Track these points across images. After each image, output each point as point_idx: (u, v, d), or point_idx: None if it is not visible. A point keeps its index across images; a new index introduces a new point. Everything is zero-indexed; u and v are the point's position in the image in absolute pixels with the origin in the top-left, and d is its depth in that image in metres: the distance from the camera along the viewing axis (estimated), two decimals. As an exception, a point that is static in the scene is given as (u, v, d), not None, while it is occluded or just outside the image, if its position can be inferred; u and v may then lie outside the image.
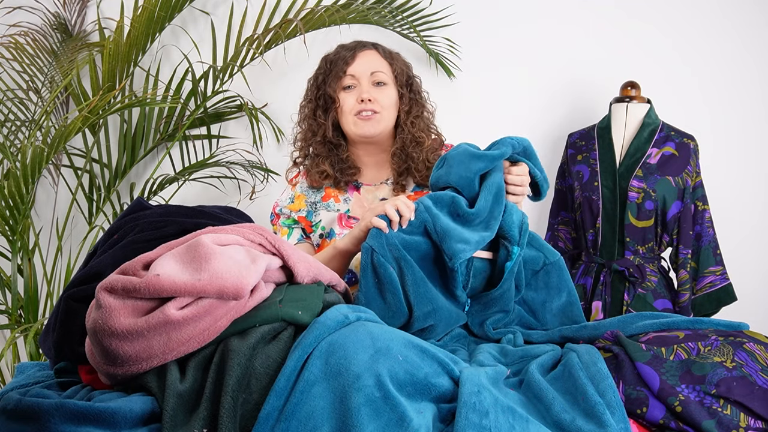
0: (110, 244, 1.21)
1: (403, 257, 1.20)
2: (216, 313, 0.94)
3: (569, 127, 2.18)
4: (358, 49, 1.57)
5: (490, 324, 1.27)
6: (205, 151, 2.41)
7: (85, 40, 2.38)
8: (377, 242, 1.20)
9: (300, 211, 1.60)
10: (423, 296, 1.20)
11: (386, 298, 1.20)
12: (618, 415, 0.88)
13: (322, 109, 1.57)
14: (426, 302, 1.20)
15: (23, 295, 2.15)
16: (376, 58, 1.57)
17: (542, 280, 1.32)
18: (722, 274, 1.91)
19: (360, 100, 1.52)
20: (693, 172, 1.88)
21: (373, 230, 1.22)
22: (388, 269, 1.18)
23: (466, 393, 0.87)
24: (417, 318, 1.20)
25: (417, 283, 1.20)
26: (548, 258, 1.31)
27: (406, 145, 1.56)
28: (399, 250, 1.20)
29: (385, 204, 1.25)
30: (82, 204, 2.38)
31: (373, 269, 1.19)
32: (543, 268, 1.31)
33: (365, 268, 1.20)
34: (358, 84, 1.54)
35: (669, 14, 2.21)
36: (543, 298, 1.32)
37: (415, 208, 1.24)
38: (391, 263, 1.19)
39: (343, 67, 1.54)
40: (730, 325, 1.07)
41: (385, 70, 1.56)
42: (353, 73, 1.54)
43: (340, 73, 1.54)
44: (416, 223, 1.23)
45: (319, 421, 0.83)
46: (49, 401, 0.84)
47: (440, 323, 1.24)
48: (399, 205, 1.23)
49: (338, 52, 1.59)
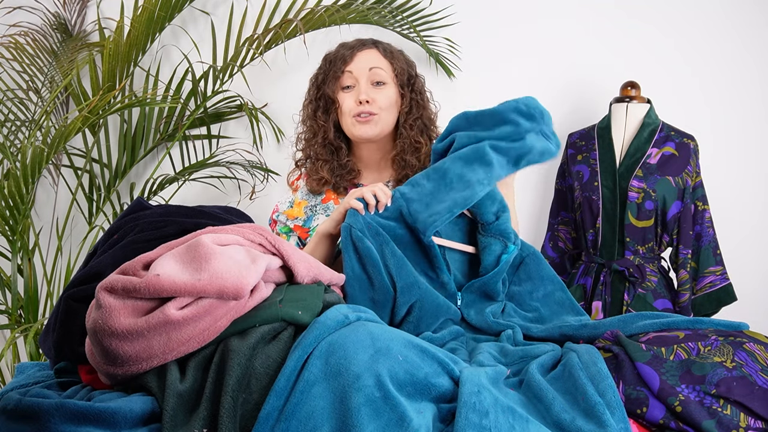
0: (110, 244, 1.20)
1: (380, 234, 1.24)
2: (216, 313, 0.94)
3: (569, 127, 2.18)
4: (358, 47, 1.55)
5: (489, 312, 1.28)
6: (205, 151, 2.41)
7: (85, 40, 2.38)
8: (354, 220, 1.25)
9: (297, 219, 1.59)
10: (402, 268, 1.24)
11: (369, 273, 1.23)
12: (618, 415, 0.88)
13: (323, 110, 1.56)
14: (407, 274, 1.24)
15: (23, 295, 2.15)
16: (375, 56, 1.54)
17: (524, 273, 1.36)
18: (722, 274, 1.91)
19: (358, 102, 1.50)
20: (693, 172, 1.88)
21: (350, 210, 1.27)
22: (366, 243, 1.22)
23: (466, 393, 0.87)
24: (401, 291, 1.23)
25: (396, 255, 1.24)
26: (524, 251, 1.36)
27: (405, 150, 1.55)
28: (376, 229, 1.25)
29: (363, 189, 1.28)
30: (82, 204, 2.38)
31: (353, 245, 1.24)
32: (522, 261, 1.36)
33: (346, 246, 1.24)
34: (356, 83, 1.52)
35: (669, 14, 2.21)
36: (529, 290, 1.36)
37: (391, 195, 1.29)
38: (369, 238, 1.24)
39: (341, 66, 1.52)
40: (730, 325, 1.07)
41: (384, 68, 1.54)
42: (351, 71, 1.52)
43: (338, 72, 1.52)
44: (392, 209, 1.28)
45: (319, 421, 0.83)
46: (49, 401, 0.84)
47: (425, 301, 1.25)
48: (376, 190, 1.27)
49: (338, 50, 1.57)
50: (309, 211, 1.59)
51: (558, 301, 1.35)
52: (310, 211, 1.59)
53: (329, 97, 1.54)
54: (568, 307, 1.34)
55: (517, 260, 1.36)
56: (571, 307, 1.34)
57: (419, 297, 1.24)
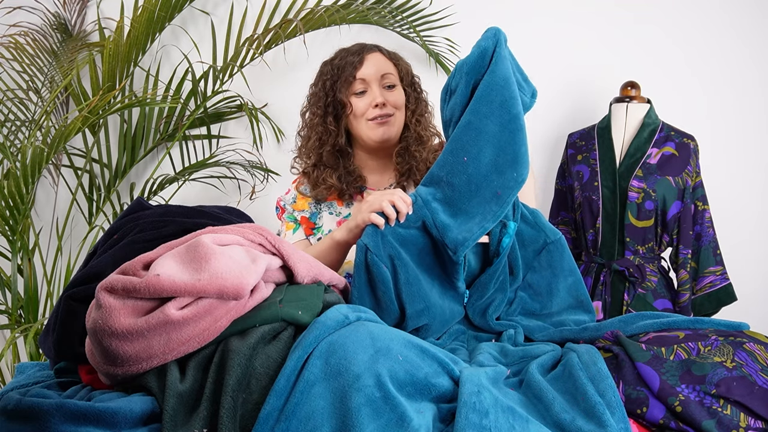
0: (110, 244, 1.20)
1: (397, 255, 1.19)
2: (216, 313, 0.94)
3: (569, 127, 2.18)
4: (365, 52, 1.56)
5: (492, 314, 1.26)
6: (205, 151, 2.41)
7: (85, 40, 2.38)
8: (372, 240, 1.19)
9: (303, 211, 1.60)
10: (415, 295, 1.19)
11: (377, 296, 1.19)
12: (618, 415, 0.88)
13: (333, 116, 1.56)
14: (418, 301, 1.20)
15: (23, 295, 2.15)
16: (383, 60, 1.56)
17: (545, 261, 1.29)
18: (722, 274, 1.91)
19: (374, 105, 1.52)
20: (693, 172, 1.88)
21: (369, 227, 1.21)
22: (381, 268, 1.17)
23: (466, 393, 0.87)
24: (410, 317, 1.20)
25: (410, 282, 1.19)
26: (549, 237, 1.28)
27: (410, 143, 1.56)
28: (394, 247, 1.19)
29: (381, 200, 1.23)
30: (82, 204, 2.38)
31: (366, 267, 1.18)
32: (544, 248, 1.29)
33: (359, 266, 1.19)
34: (368, 88, 1.54)
35: (669, 14, 2.21)
36: (548, 280, 1.29)
37: (412, 202, 1.23)
38: (384, 262, 1.18)
39: (352, 72, 1.53)
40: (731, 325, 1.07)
41: (393, 72, 1.56)
42: (363, 77, 1.53)
43: (350, 78, 1.53)
44: (413, 218, 1.22)
45: (319, 421, 0.83)
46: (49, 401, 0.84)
47: (434, 321, 1.23)
48: (395, 200, 1.22)
49: (344, 57, 1.56)
50: (313, 208, 1.60)
51: (577, 297, 1.29)
52: (314, 208, 1.60)
53: (340, 102, 1.54)
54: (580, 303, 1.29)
55: (539, 244, 1.29)
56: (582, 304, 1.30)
57: (429, 320, 1.22)
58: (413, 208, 1.22)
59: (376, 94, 1.53)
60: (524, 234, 1.29)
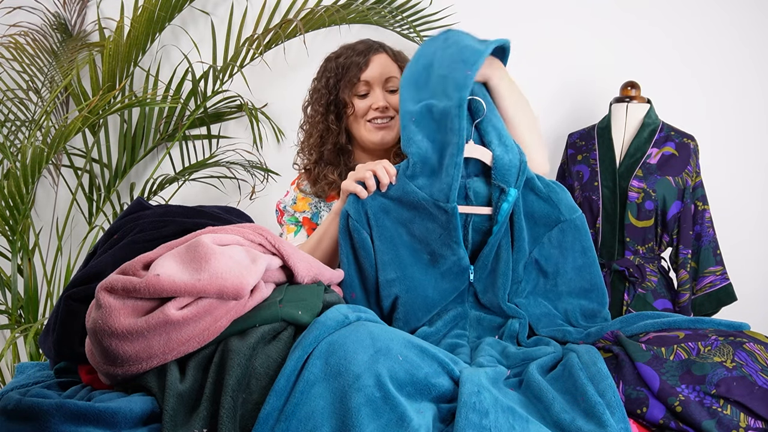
0: (110, 244, 1.20)
1: (375, 223, 1.24)
2: (216, 313, 0.94)
3: (569, 127, 2.18)
4: (371, 53, 1.56)
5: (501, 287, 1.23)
6: (205, 151, 2.41)
7: (85, 40, 2.38)
8: (353, 208, 1.25)
9: (304, 212, 1.60)
10: (387, 264, 1.23)
11: (360, 262, 1.25)
12: (618, 415, 0.88)
13: (335, 114, 1.56)
14: (390, 269, 1.23)
15: (23, 295, 2.15)
16: (388, 63, 1.56)
17: (555, 238, 1.24)
18: (722, 274, 1.90)
19: (375, 108, 1.53)
20: (693, 172, 1.88)
21: (351, 196, 1.26)
22: (361, 234, 1.23)
23: (466, 393, 0.87)
24: (381, 285, 1.24)
25: (383, 250, 1.23)
26: (564, 215, 1.22)
27: None
28: (374, 215, 1.24)
29: (365, 170, 1.25)
30: (82, 204, 2.38)
31: (349, 233, 1.25)
32: (557, 225, 1.23)
33: (342, 232, 1.26)
34: (371, 90, 1.55)
35: (669, 14, 2.21)
36: (555, 258, 1.25)
37: (395, 172, 1.25)
38: (365, 228, 1.24)
39: (357, 73, 1.53)
40: (731, 325, 1.07)
41: (397, 75, 1.56)
42: (367, 79, 1.54)
43: (354, 80, 1.53)
44: (397, 188, 1.24)
45: (319, 421, 0.83)
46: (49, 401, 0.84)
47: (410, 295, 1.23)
48: (377, 170, 1.24)
49: (349, 56, 1.56)
50: (314, 207, 1.60)
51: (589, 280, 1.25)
52: (315, 208, 1.60)
53: (343, 102, 1.54)
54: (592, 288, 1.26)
55: (551, 220, 1.22)
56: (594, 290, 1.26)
57: (399, 293, 1.24)
58: (397, 178, 1.25)
59: (379, 97, 1.53)
60: (534, 207, 1.23)
